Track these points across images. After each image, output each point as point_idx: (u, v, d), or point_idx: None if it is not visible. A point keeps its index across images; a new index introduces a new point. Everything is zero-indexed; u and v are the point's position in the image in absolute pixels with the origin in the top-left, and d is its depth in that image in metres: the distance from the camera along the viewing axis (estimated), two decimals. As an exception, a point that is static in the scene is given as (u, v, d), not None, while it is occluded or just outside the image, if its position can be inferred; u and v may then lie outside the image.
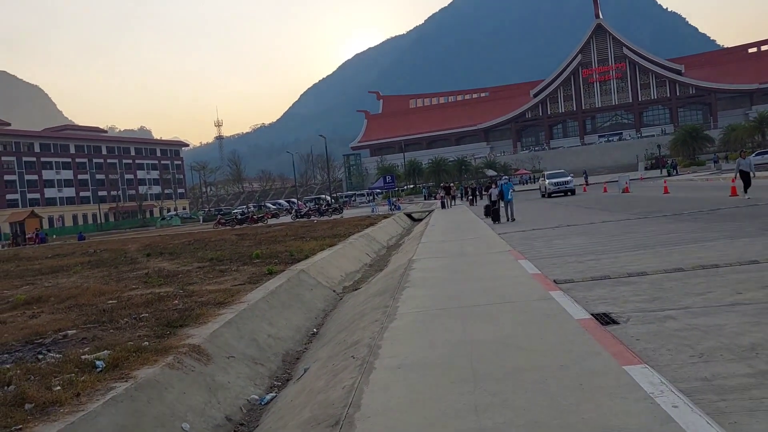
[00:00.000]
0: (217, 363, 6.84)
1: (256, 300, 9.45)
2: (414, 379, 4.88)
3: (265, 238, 24.42)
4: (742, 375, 4.38)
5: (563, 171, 44.82)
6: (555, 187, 39.34)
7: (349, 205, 75.94)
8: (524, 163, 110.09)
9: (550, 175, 42.46)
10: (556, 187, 39.34)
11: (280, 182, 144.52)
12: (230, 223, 50.21)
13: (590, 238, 14.53)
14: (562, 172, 43.20)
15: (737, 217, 15.23)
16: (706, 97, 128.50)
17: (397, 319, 7.29)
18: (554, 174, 42.45)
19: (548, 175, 42.66)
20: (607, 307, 7.01)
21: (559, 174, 42.24)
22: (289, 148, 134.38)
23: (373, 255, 19.08)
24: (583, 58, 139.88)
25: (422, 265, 12.13)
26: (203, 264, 15.91)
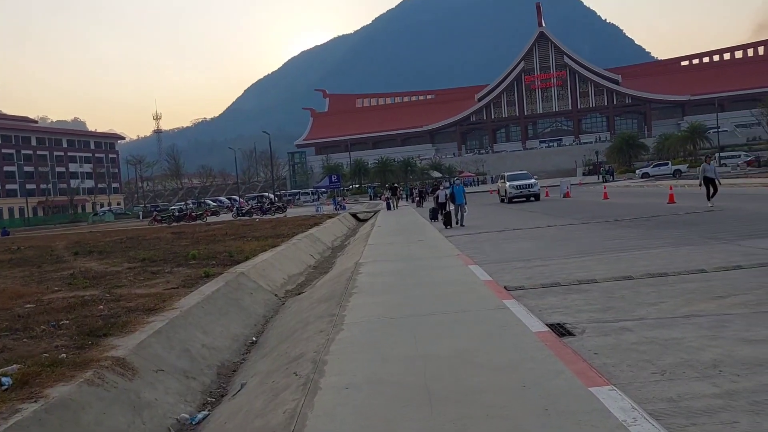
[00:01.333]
0: (144, 377, 6.21)
1: (191, 306, 8.79)
2: (363, 403, 4.43)
3: (203, 237, 23.48)
4: (708, 395, 4.15)
5: (526, 172, 38.92)
6: (517, 191, 34.27)
7: (292, 203, 74.85)
8: (468, 165, 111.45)
9: (512, 176, 36.30)
10: (519, 191, 34.29)
11: (222, 179, 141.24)
12: (167, 221, 48.51)
13: (536, 242, 14.48)
14: (524, 174, 37.50)
15: (677, 224, 15.50)
16: (641, 106, 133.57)
17: (344, 329, 6.81)
18: (516, 176, 36.63)
19: (509, 176, 36.35)
20: (561, 317, 6.77)
21: (522, 176, 36.51)
22: (232, 144, 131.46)
23: (317, 256, 18.53)
24: (526, 65, 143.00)
25: (370, 269, 11.70)
26: (134, 264, 14.99)
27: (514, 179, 35.46)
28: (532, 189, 34.05)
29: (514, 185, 34.34)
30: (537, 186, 34.50)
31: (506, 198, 35.00)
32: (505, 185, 35.31)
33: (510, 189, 34.36)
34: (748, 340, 5.28)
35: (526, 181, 34.85)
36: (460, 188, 22.66)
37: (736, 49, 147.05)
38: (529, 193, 34.07)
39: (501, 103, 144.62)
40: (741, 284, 7.57)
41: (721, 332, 5.58)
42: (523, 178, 35.70)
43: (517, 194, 34.23)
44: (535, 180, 35.52)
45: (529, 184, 34.18)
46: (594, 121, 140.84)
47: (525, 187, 34.09)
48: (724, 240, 11.63)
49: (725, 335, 5.48)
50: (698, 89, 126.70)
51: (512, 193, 34.32)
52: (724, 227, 13.82)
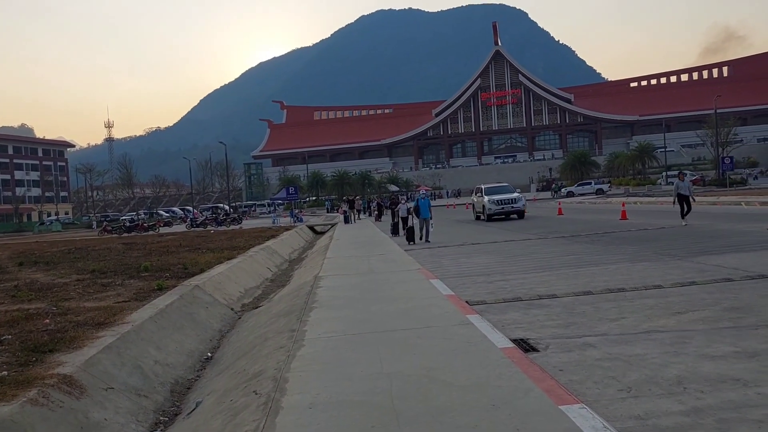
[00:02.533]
0: (93, 396, 5.87)
1: (143, 320, 8.43)
2: (328, 423, 4.25)
3: (156, 248, 22.79)
4: (675, 413, 4.14)
5: (507, 184, 33.09)
6: (498, 206, 28.74)
7: (248, 215, 73.77)
8: (425, 179, 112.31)
9: (490, 189, 30.56)
10: (500, 207, 28.76)
11: (175, 189, 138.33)
12: (117, 231, 47.09)
13: (495, 257, 14.55)
14: (505, 186, 31.61)
15: (631, 240, 15.82)
16: (592, 125, 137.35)
17: (305, 345, 6.60)
18: (495, 188, 30.84)
19: (487, 189, 30.51)
20: (525, 332, 6.75)
21: (502, 188, 30.83)
22: (187, 154, 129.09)
23: (274, 269, 18.18)
24: (482, 82, 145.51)
25: (330, 282, 11.49)
26: (83, 276, 14.38)
27: (493, 193, 29.99)
28: (516, 205, 28.91)
29: (493, 200, 28.95)
30: (522, 201, 29.37)
31: (484, 215, 29.65)
32: (483, 200, 29.82)
33: (489, 205, 28.94)
34: (710, 356, 5.33)
35: (507, 195, 29.55)
36: (426, 201, 21.11)
37: (683, 72, 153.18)
38: (512, 209, 28.91)
39: (458, 118, 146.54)
40: (698, 300, 7.71)
41: (683, 348, 5.64)
42: (503, 191, 30.30)
43: (497, 211, 28.80)
44: (518, 194, 30.33)
45: (512, 198, 29.04)
46: (547, 138, 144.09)
47: (507, 203, 28.85)
48: (677, 256, 11.89)
49: (687, 351, 5.53)
50: (646, 110, 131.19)
51: (492, 209, 28.80)
52: (676, 244, 14.16)
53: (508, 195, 29.35)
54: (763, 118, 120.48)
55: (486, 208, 29.15)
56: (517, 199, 29.01)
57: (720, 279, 9.05)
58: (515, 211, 29.05)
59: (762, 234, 14.83)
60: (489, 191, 30.16)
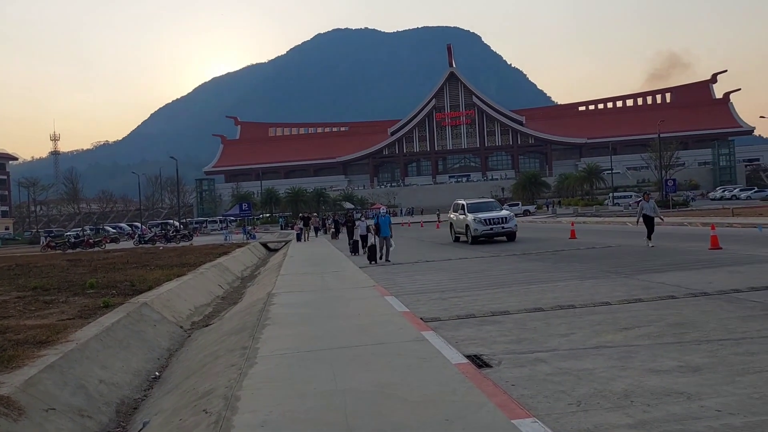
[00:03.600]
0: (32, 418, 5.62)
1: (88, 338, 8.15)
2: (281, 441, 4.19)
3: (102, 264, 22.11)
4: (623, 426, 4.24)
5: (492, 200, 29.55)
6: (486, 227, 24.36)
7: (199, 231, 72.37)
8: (380, 197, 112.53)
9: (474, 206, 26.25)
10: (488, 227, 24.37)
11: (123, 204, 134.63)
12: (61, 247, 45.49)
13: (449, 274, 14.69)
14: (491, 203, 27.99)
15: (580, 258, 16.22)
16: (543, 147, 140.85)
17: (258, 363, 6.49)
18: (480, 205, 26.70)
19: (471, 206, 26.10)
20: (478, 348, 6.82)
21: (487, 205, 26.92)
22: (136, 169, 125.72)
23: (226, 287, 17.87)
24: (437, 102, 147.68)
25: (283, 300, 11.36)
26: (24, 293, 13.80)
27: (478, 210, 25.67)
28: (507, 225, 24.49)
29: (480, 219, 24.47)
30: (513, 221, 24.95)
31: (467, 236, 25.10)
32: (466, 219, 25.21)
33: (475, 225, 24.41)
34: (655, 370, 5.50)
35: (495, 213, 25.24)
36: (386, 219, 20.17)
37: (628, 97, 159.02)
38: (503, 230, 24.47)
39: (413, 138, 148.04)
40: (643, 316, 7.94)
41: (630, 363, 5.79)
42: (490, 208, 26.33)
43: (485, 231, 24.39)
44: (508, 211, 26.23)
45: (501, 217, 24.60)
46: (500, 158, 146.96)
47: (496, 222, 24.39)
48: (624, 274, 12.25)
49: (633, 366, 5.69)
50: (594, 133, 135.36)
51: (478, 230, 24.36)
52: (622, 262, 14.59)
53: (496, 213, 25.09)
54: (703, 142, 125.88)
55: (471, 228, 24.63)
56: (508, 218, 24.67)
57: (664, 296, 9.36)
58: (506, 232, 24.63)
59: (703, 253, 15.43)
60: (473, 208, 25.86)
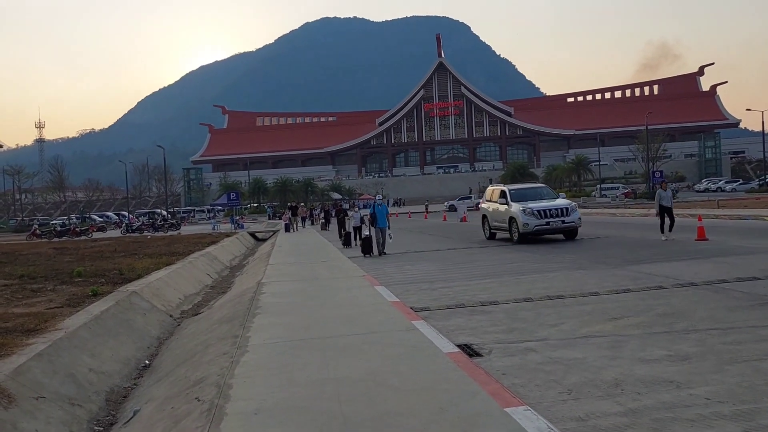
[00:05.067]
0: (22, 406, 5.59)
1: (77, 327, 8.09)
2: (275, 429, 4.18)
3: (89, 253, 21.93)
4: (614, 414, 4.29)
5: (543, 186, 22.90)
6: (540, 221, 18.19)
7: (187, 221, 72.00)
8: (368, 188, 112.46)
9: (521, 193, 20.02)
10: (543, 221, 18.21)
11: (110, 193, 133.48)
12: (47, 235, 45.07)
13: (438, 264, 14.74)
14: (542, 188, 21.49)
15: (569, 249, 16.31)
16: (531, 138, 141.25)
17: (249, 351, 6.49)
18: (528, 191, 20.48)
19: (516, 193, 19.93)
20: (468, 337, 6.86)
21: (538, 191, 20.62)
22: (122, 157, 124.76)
23: (215, 276, 17.80)
24: (425, 93, 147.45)
25: (273, 288, 11.35)
26: (11, 281, 13.67)
27: (526, 198, 19.47)
28: (568, 219, 18.43)
29: (532, 210, 18.31)
30: (576, 213, 18.75)
31: (515, 233, 18.87)
32: (509, 209, 19.18)
33: (525, 218, 18.26)
34: (644, 359, 5.56)
35: (551, 203, 19.11)
36: (383, 209, 18.74)
37: (616, 89, 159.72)
38: (563, 226, 18.51)
39: (401, 128, 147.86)
40: (632, 306, 8.02)
41: (619, 352, 5.85)
42: (540, 195, 20.02)
43: (540, 227, 18.25)
44: (567, 201, 19.86)
45: (560, 208, 18.54)
46: (488, 149, 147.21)
47: (554, 215, 18.29)
48: (612, 265, 12.35)
49: (623, 355, 5.75)
50: (582, 124, 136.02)
51: (530, 225, 18.20)
52: (610, 253, 14.69)
53: (551, 203, 19.01)
54: (690, 135, 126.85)
55: (519, 222, 18.39)
56: (569, 210, 18.55)
57: (653, 286, 9.45)
58: (566, 228, 18.63)
59: (690, 244, 15.57)
60: (519, 195, 19.68)
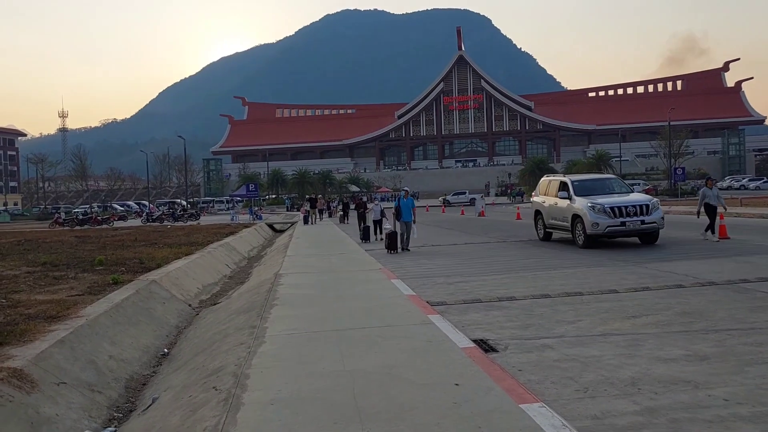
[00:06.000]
0: (44, 391, 5.70)
1: (98, 314, 8.22)
2: (290, 419, 4.23)
3: (110, 242, 22.22)
4: (630, 413, 4.27)
5: (612, 177, 19.50)
6: (612, 220, 14.88)
7: (206, 211, 72.61)
8: (386, 181, 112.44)
9: (585, 185, 16.80)
10: (617, 221, 14.86)
11: (131, 183, 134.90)
12: (70, 224, 45.73)
13: (455, 259, 14.70)
14: (610, 180, 17.76)
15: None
16: (551, 133, 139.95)
17: (266, 342, 6.55)
18: (594, 183, 17.22)
19: (579, 185, 16.68)
20: (484, 333, 6.85)
21: (607, 184, 17.21)
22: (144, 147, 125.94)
23: (233, 266, 17.95)
24: (445, 86, 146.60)
25: (291, 280, 11.42)
26: (34, 269, 13.92)
27: (592, 191, 16.31)
28: (649, 218, 14.96)
29: (603, 207, 14.96)
30: (658, 211, 15.23)
31: (580, 235, 15.53)
32: (573, 205, 15.96)
33: (594, 216, 14.94)
34: (662, 358, 5.51)
35: (625, 198, 15.70)
36: (409, 201, 17.61)
37: (639, 84, 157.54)
38: (643, 227, 15.00)
39: (420, 121, 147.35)
40: (650, 305, 7.95)
41: (637, 351, 5.81)
42: (610, 189, 16.66)
43: (613, 228, 14.90)
44: (645, 195, 17.12)
45: (639, 205, 15.04)
46: (507, 144, 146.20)
47: (631, 213, 14.91)
48: (632, 262, 12.23)
49: (641, 354, 5.70)
50: (603, 120, 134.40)
51: (601, 224, 14.85)
52: (630, 250, 14.51)
53: (625, 198, 15.62)
54: (713, 131, 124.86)
55: (587, 221, 15.06)
56: (650, 207, 15.06)
57: (672, 285, 9.35)
58: (646, 229, 15.15)
59: (710, 243, 15.35)
60: (584, 188, 16.43)
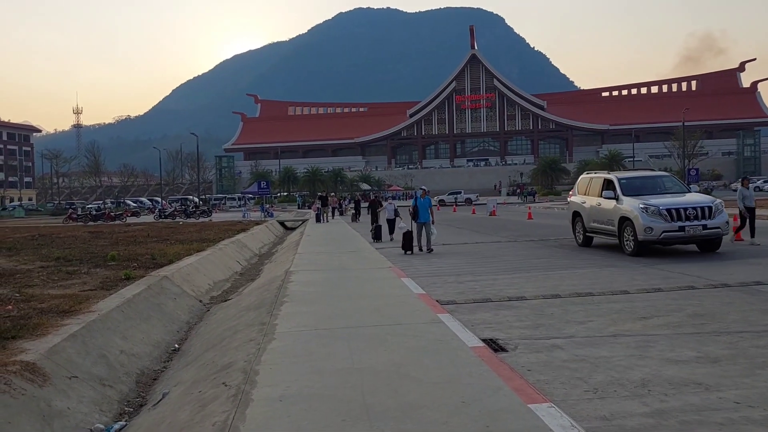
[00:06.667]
0: (56, 384, 5.76)
1: (109, 309, 8.29)
2: (299, 416, 4.25)
3: (123, 237, 22.40)
4: (639, 414, 4.24)
5: (665, 174, 16.34)
6: (670, 224, 12.78)
7: (218, 208, 73.00)
8: (397, 179, 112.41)
9: (633, 183, 14.59)
10: (675, 225, 12.78)
11: (144, 179, 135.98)
12: (83, 219, 46.16)
13: (465, 258, 14.68)
14: (662, 178, 15.48)
15: (598, 246, 16.07)
16: (563, 132, 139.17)
17: (276, 339, 6.57)
18: (644, 181, 14.94)
19: (627, 183, 14.50)
20: (494, 332, 6.83)
21: (658, 182, 15.04)
22: (157, 144, 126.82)
23: (244, 263, 18.03)
24: (457, 84, 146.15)
25: (301, 277, 11.46)
26: (48, 263, 14.06)
27: (641, 190, 14.33)
28: (712, 223, 13.10)
29: (657, 209, 13.02)
30: (722, 215, 13.36)
31: (628, 240, 13.62)
32: (620, 206, 13.93)
33: (648, 219, 13.00)
34: (673, 360, 5.48)
35: (682, 198, 13.74)
36: (426, 201, 16.67)
37: (653, 84, 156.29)
38: (705, 233, 13.09)
39: (432, 120, 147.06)
40: (662, 306, 7.90)
41: (647, 352, 5.77)
42: (662, 188, 14.67)
43: (670, 234, 12.95)
44: (705, 196, 15.59)
45: (700, 207, 13.19)
46: (519, 143, 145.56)
47: (692, 216, 13.01)
48: (643, 263, 12.15)
49: (651, 355, 5.67)
50: (617, 120, 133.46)
51: (656, 229, 12.89)
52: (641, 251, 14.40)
53: (683, 198, 13.61)
54: (728, 132, 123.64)
55: (638, 225, 13.05)
56: (714, 210, 13.16)
57: (684, 286, 9.29)
58: (709, 236, 13.22)
59: (725, 244, 15.20)
60: (633, 186, 14.39)
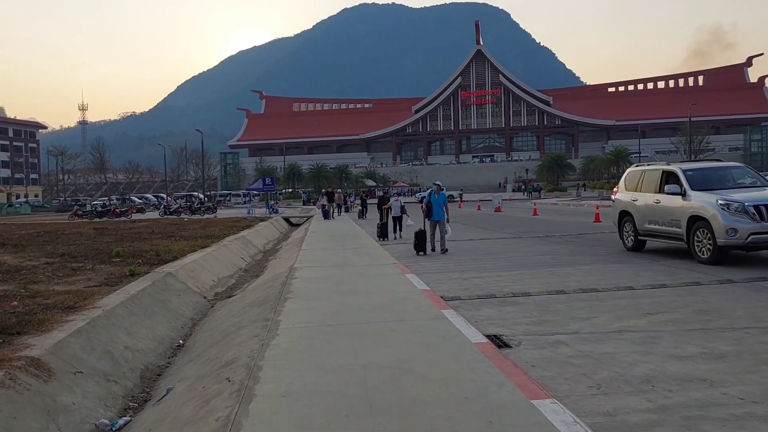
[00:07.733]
0: (61, 380, 5.78)
1: (114, 305, 8.32)
2: (302, 412, 4.25)
3: (128, 234, 22.46)
4: (643, 410, 4.23)
5: (739, 164, 13.32)
6: (757, 225, 10.34)
7: (223, 204, 73.17)
8: (403, 176, 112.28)
9: (703, 175, 12.09)
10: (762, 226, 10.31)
11: (149, 176, 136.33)
12: (88, 216, 46.31)
13: (470, 254, 14.66)
14: (735, 168, 12.81)
15: (605, 242, 16.06)
16: (569, 128, 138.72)
17: (279, 335, 6.58)
18: (714, 172, 12.39)
19: (695, 176, 11.98)
20: (498, 328, 6.82)
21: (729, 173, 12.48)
22: (162, 140, 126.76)
23: (248, 259, 18.06)
24: (462, 80, 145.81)
25: (305, 274, 11.47)
26: (53, 260, 14.11)
27: (712, 183, 11.95)
28: None
29: (743, 205, 10.60)
30: None
31: (700, 245, 11.21)
32: (689, 203, 11.56)
33: (731, 219, 10.55)
34: (678, 356, 5.45)
35: (764, 192, 11.23)
36: (441, 197, 15.27)
37: (660, 79, 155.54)
38: None
39: (437, 116, 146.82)
40: (667, 302, 7.86)
41: (652, 348, 5.75)
42: (740, 180, 12.36)
43: (759, 237, 10.41)
44: None
45: None
46: (525, 139, 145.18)
47: None
48: (649, 259, 12.11)
49: (656, 351, 5.65)
50: (623, 115, 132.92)
51: (742, 230, 10.43)
52: (647, 247, 14.37)
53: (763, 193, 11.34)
54: (735, 127, 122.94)
55: (719, 226, 10.78)
56: None
57: (690, 282, 9.25)
58: None
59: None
60: (702, 179, 12.13)
